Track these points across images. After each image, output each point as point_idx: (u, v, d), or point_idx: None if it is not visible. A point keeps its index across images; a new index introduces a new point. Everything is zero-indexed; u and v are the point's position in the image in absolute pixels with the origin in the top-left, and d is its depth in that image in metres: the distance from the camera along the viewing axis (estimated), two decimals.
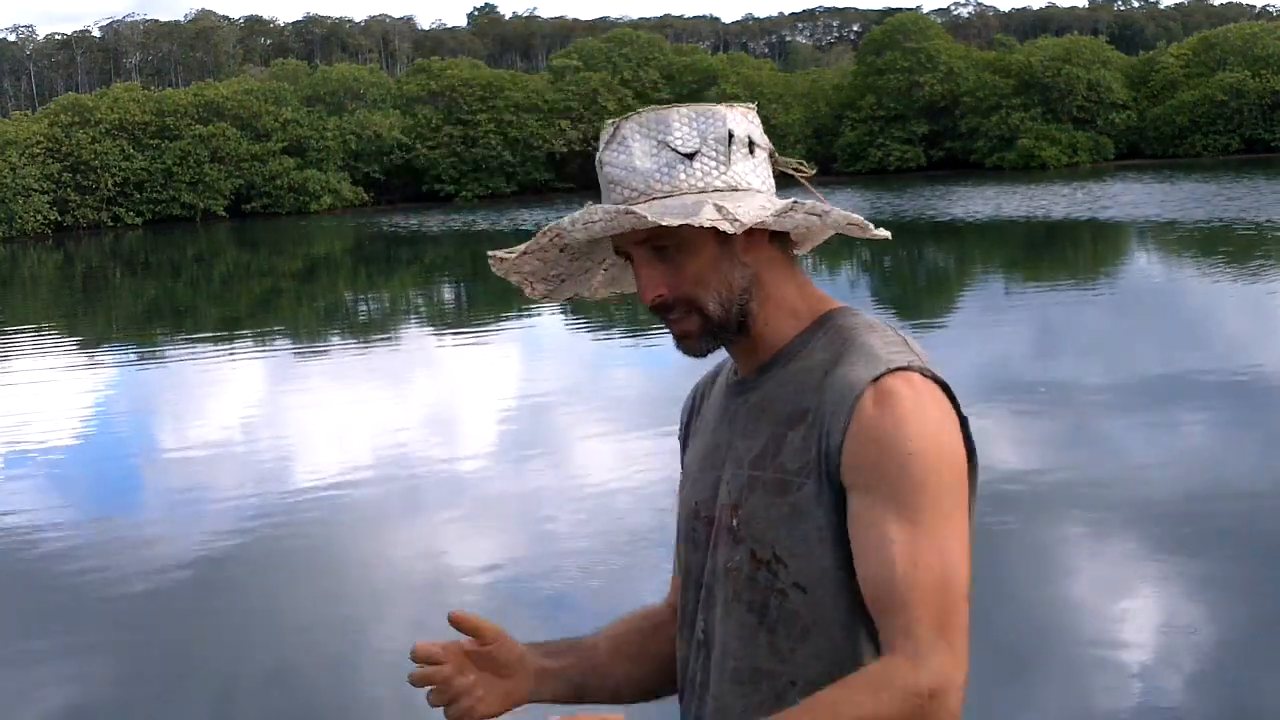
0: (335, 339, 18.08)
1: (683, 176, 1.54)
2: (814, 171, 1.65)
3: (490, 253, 1.66)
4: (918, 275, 22.27)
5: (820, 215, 1.55)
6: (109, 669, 5.61)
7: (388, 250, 37.12)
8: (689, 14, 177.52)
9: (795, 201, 1.54)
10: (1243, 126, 62.52)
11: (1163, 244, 24.65)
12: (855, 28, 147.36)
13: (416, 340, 17.02)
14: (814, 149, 63.45)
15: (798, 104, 68.35)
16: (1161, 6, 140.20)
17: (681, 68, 71.36)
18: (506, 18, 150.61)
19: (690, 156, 1.55)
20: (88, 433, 11.18)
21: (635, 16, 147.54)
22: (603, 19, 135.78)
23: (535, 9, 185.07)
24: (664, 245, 1.55)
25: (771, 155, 1.62)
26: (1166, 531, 6.56)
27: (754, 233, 1.55)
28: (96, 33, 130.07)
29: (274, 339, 18.38)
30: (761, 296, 1.60)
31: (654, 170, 1.54)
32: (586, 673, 1.70)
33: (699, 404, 1.79)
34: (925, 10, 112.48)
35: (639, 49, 71.77)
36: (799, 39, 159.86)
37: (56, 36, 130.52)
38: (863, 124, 66.19)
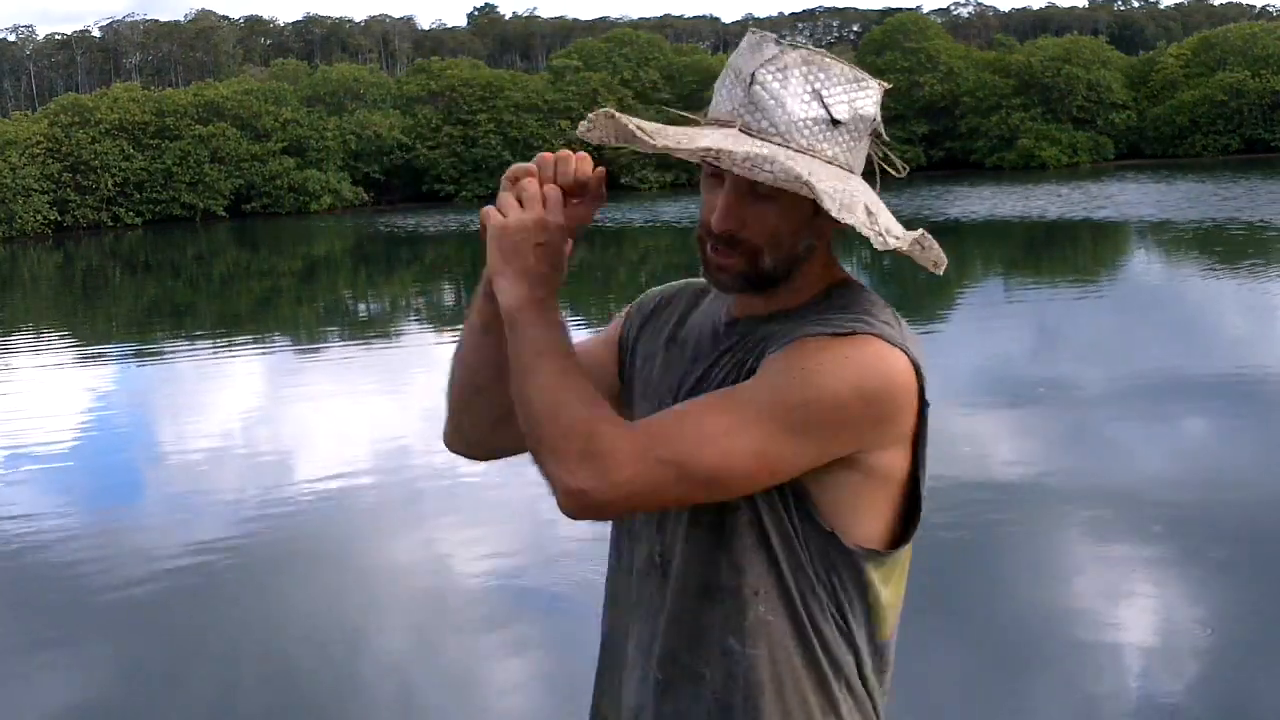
0: (335, 339, 18.09)
1: (822, 140, 1.53)
2: (905, 173, 1.66)
3: (612, 111, 1.57)
4: (917, 274, 22.28)
5: (925, 248, 1.60)
6: (108, 667, 5.61)
7: (388, 250, 37.11)
8: (689, 14, 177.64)
9: (924, 233, 1.58)
10: (1243, 126, 62.56)
11: (1155, 244, 24.71)
12: (855, 28, 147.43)
13: (417, 340, 17.02)
14: None
15: None
16: (1161, 6, 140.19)
17: (681, 68, 71.34)
18: (506, 18, 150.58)
19: (836, 124, 1.53)
20: (87, 432, 11.19)
21: (635, 16, 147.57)
22: (603, 19, 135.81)
23: (535, 9, 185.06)
24: (765, 192, 1.54)
25: (873, 139, 1.63)
26: (1166, 529, 6.57)
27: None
28: (96, 33, 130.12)
29: (274, 339, 18.39)
30: (809, 264, 1.63)
31: (801, 120, 1.52)
32: None
33: (673, 312, 1.80)
34: (925, 10, 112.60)
35: (639, 49, 71.78)
36: (799, 39, 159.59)
37: (56, 36, 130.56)
38: None
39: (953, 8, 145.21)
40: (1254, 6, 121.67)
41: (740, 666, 1.60)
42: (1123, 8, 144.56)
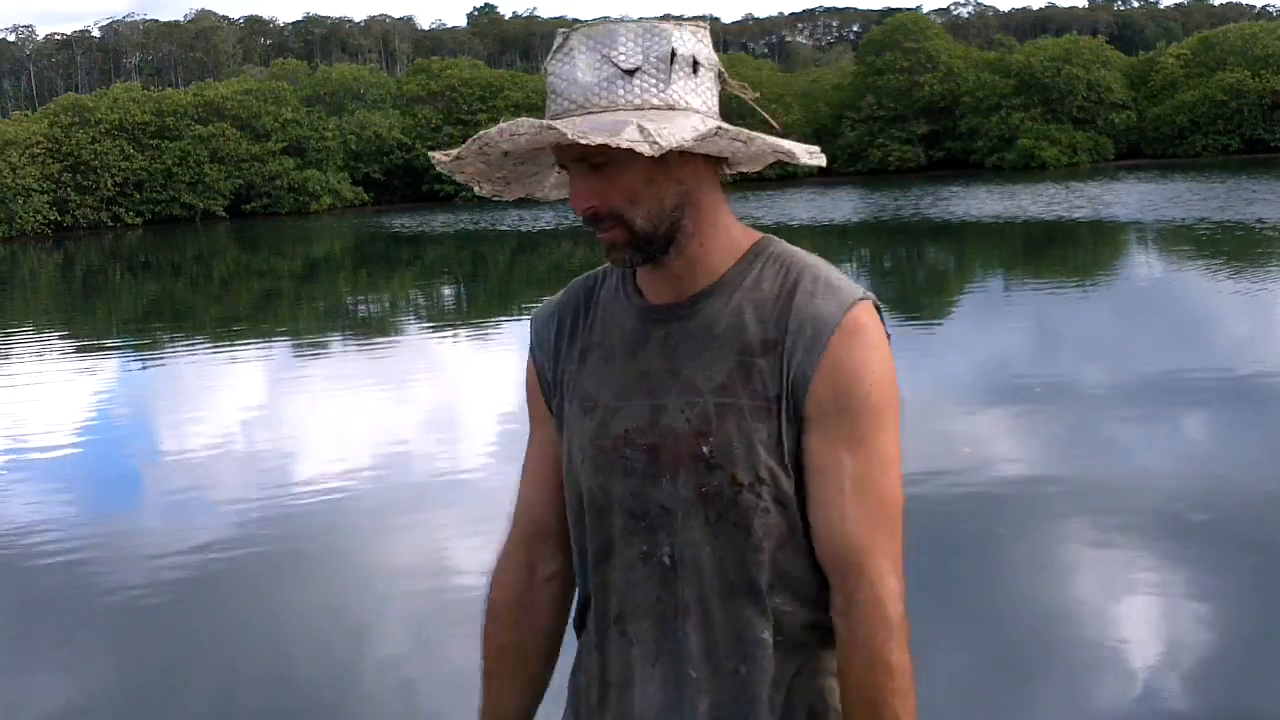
0: (335, 339, 18.08)
1: (621, 93, 1.55)
2: (756, 95, 1.68)
3: (431, 152, 1.68)
4: (916, 274, 22.28)
5: (745, 142, 1.57)
6: (108, 669, 5.61)
7: (388, 250, 37.11)
8: (689, 14, 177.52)
9: (719, 127, 1.55)
10: (1243, 126, 62.55)
11: (1125, 242, 24.84)
12: (855, 28, 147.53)
13: (417, 340, 17.01)
14: None
15: (798, 104, 68.33)
16: (1161, 6, 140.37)
17: None
18: (506, 18, 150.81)
19: (631, 73, 1.55)
20: (87, 433, 11.18)
21: (635, 16, 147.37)
22: (603, 19, 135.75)
23: (535, 9, 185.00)
24: (598, 161, 1.57)
25: (720, 75, 1.63)
26: (1166, 528, 6.57)
27: (687, 152, 1.56)
28: (96, 33, 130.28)
29: (274, 339, 18.38)
30: (696, 216, 1.63)
31: (594, 84, 1.55)
32: None
33: (572, 321, 1.79)
34: (925, 10, 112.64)
35: None
36: (799, 39, 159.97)
37: (56, 36, 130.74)
38: (862, 124, 66.18)
39: (953, 8, 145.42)
40: (1254, 6, 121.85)
41: (768, 658, 1.64)
42: (1123, 8, 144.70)
